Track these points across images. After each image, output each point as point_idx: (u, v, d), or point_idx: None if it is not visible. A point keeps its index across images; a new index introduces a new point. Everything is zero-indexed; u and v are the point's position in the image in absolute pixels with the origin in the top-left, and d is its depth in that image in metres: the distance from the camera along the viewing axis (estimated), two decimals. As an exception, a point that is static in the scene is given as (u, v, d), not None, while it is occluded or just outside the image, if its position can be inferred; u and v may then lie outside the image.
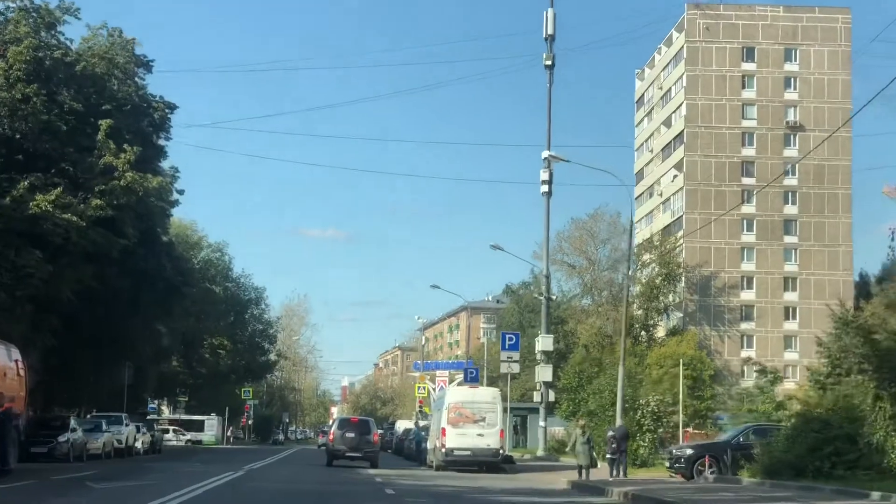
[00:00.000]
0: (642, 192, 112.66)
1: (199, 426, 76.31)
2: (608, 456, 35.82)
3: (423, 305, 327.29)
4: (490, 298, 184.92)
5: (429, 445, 40.56)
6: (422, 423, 66.96)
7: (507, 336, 51.42)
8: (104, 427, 42.69)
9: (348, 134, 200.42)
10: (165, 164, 50.89)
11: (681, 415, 50.58)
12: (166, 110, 45.32)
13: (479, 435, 36.75)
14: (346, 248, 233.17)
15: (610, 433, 37.64)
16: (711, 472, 32.48)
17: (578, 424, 37.48)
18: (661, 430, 43.94)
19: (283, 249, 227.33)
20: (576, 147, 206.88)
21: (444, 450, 36.70)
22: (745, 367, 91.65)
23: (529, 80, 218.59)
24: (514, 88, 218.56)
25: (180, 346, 65.17)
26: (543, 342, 55.58)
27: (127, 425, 46.25)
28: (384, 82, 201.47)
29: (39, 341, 40.15)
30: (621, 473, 34.37)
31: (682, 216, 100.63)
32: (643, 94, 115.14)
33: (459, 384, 59.21)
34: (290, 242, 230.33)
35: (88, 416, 48.52)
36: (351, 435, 39.44)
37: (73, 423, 38.09)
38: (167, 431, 67.59)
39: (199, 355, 70.48)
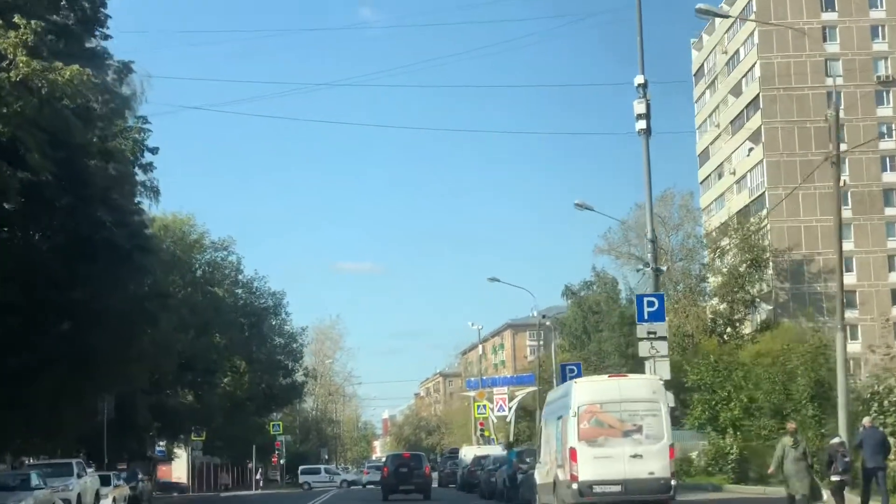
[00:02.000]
0: (709, 174, 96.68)
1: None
2: (833, 478, 22.75)
3: (460, 334, 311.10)
4: (535, 314, 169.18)
5: (537, 478, 24.81)
6: (479, 451, 51.77)
7: (646, 300, 32.21)
8: (34, 483, 26.91)
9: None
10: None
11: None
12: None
13: (636, 456, 21.06)
14: (377, 280, 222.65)
15: (836, 440, 23.75)
16: None
17: (788, 430, 22.59)
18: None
19: (315, 283, 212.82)
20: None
21: (574, 485, 21.00)
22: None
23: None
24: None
25: (180, 369, 49.36)
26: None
27: (81, 476, 30.38)
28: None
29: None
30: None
31: (763, 193, 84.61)
32: (702, 64, 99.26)
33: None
34: (324, 276, 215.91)
35: (25, 464, 32.68)
36: (404, 469, 41.79)
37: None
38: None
39: (208, 380, 54.81)
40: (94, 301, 34.00)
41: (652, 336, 29.60)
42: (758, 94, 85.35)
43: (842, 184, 35.98)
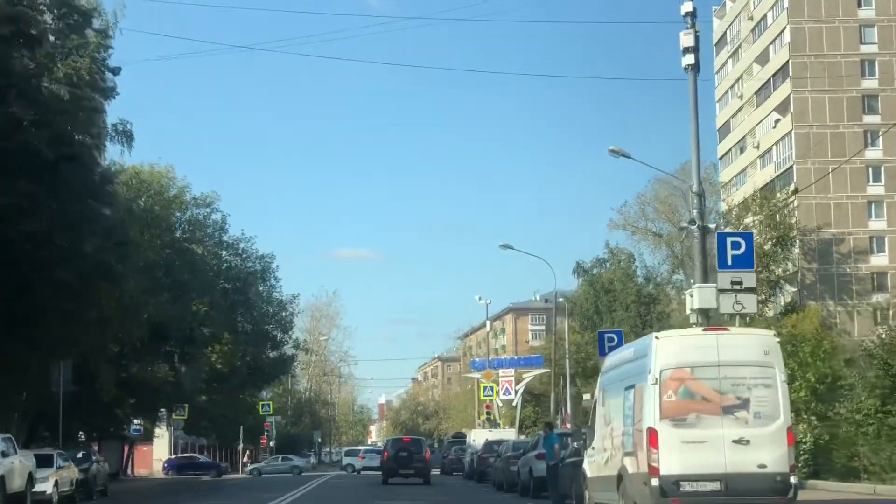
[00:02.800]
0: (730, 149, 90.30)
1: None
2: None
3: (459, 319, 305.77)
4: (537, 298, 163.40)
5: (588, 469, 18.54)
6: (491, 435, 45.85)
7: (730, 240, 23.65)
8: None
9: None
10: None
11: None
12: None
13: (740, 442, 14.85)
14: (375, 267, 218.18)
15: None
16: None
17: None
18: None
19: (314, 268, 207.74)
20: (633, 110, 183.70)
21: (654, 481, 14.70)
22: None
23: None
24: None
25: (153, 337, 42.98)
26: (701, 296, 32.37)
27: (7, 455, 24.12)
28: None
29: None
30: None
31: (791, 167, 78.28)
32: (725, 33, 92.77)
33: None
34: (322, 262, 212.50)
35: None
36: (404, 454, 41.13)
37: None
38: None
39: (187, 351, 48.33)
40: (40, 249, 27.96)
41: (737, 287, 22.84)
42: (787, 62, 79.01)
43: None
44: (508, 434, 44.84)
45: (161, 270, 43.38)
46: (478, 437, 44.93)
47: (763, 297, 75.02)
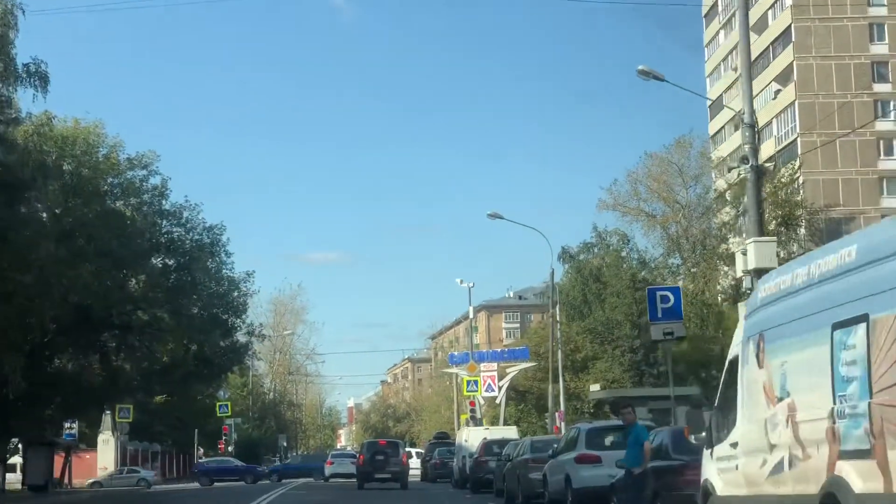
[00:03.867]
0: (723, 126, 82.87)
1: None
2: None
3: (429, 319, 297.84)
4: (511, 295, 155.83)
5: (721, 485, 10.28)
6: (488, 434, 37.88)
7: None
8: None
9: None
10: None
11: None
12: None
13: None
14: (345, 270, 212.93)
15: None
16: None
17: None
18: None
19: (281, 271, 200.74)
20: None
21: None
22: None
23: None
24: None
25: (76, 323, 34.67)
26: (758, 253, 24.03)
27: None
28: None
29: None
30: None
31: (795, 140, 70.88)
32: (715, 2, 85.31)
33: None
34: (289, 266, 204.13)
35: None
36: (380, 457, 39.70)
37: None
38: None
39: (119, 338, 40.04)
40: None
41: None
42: (789, 26, 71.68)
43: None
44: (509, 433, 37.03)
45: (82, 237, 35.17)
46: (471, 437, 36.87)
47: (767, 281, 67.88)
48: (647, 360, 64.15)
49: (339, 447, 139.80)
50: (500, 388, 65.79)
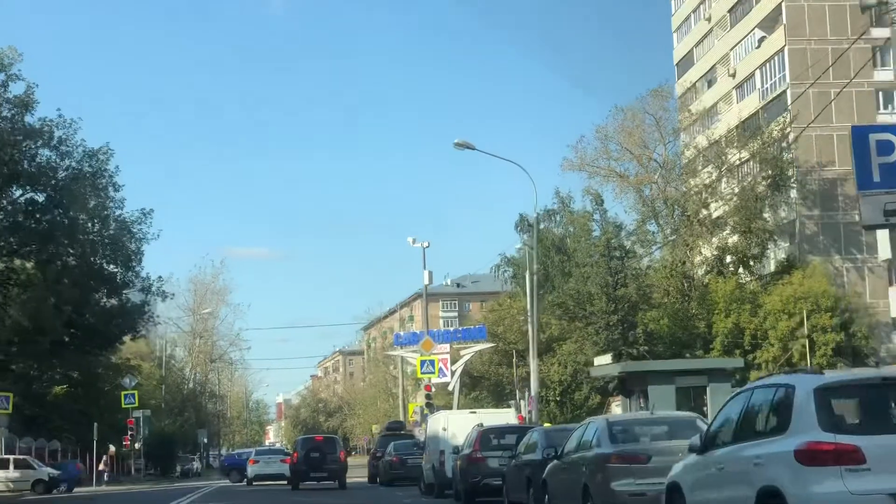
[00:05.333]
0: (694, 83, 73.27)
1: None
2: None
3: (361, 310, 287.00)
4: (449, 283, 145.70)
5: None
6: (483, 420, 27.13)
7: None
8: None
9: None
10: None
11: None
12: None
13: None
14: (272, 266, 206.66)
15: None
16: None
17: None
18: None
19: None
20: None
21: None
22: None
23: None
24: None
25: None
26: None
27: None
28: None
29: None
30: None
31: (784, 92, 61.47)
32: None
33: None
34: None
35: None
36: (315, 454, 36.33)
37: None
38: None
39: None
40: None
41: None
42: (778, -40, 62.34)
43: None
44: (506, 417, 26.54)
45: None
46: (453, 424, 25.61)
47: (757, 249, 58.50)
48: (625, 338, 54.37)
49: (267, 443, 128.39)
50: (453, 373, 55.63)
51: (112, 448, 59.75)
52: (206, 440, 73.99)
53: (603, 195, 59.71)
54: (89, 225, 34.70)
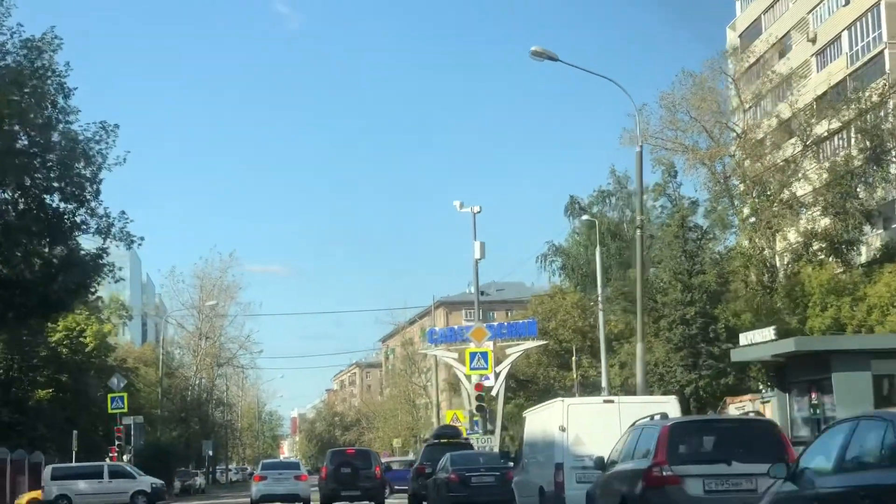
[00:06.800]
0: (762, 55, 63.65)
1: None
2: None
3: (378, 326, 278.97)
4: (470, 291, 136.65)
5: None
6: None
7: None
8: None
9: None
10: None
11: None
12: None
13: None
14: (286, 283, 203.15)
15: None
16: None
17: None
18: None
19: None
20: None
21: None
22: None
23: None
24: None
25: None
26: None
27: None
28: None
29: None
30: None
31: (880, 53, 52.28)
32: None
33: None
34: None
35: None
36: (347, 470, 31.26)
37: None
38: None
39: None
40: None
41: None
42: None
43: None
44: (668, 408, 16.77)
45: None
46: (579, 420, 15.24)
47: (853, 233, 49.02)
48: (704, 334, 44.83)
49: (282, 457, 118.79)
50: (496, 375, 46.13)
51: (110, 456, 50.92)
52: (211, 453, 64.57)
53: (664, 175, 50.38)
54: (26, 142, 25.16)
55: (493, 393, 48.60)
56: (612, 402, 17.62)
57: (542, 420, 18.68)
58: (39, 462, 54.15)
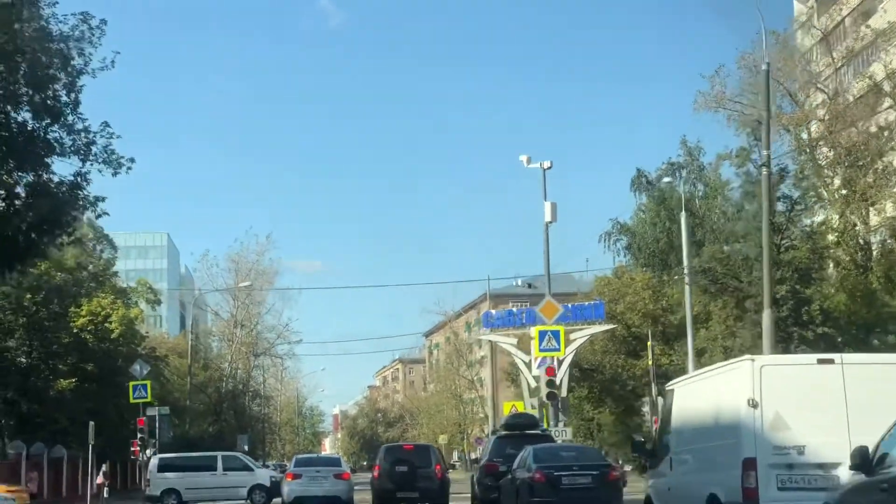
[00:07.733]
0: (844, 17, 57.78)
1: None
2: None
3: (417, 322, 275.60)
4: (519, 283, 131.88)
5: None
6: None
7: None
8: None
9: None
10: None
11: None
12: None
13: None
14: (328, 280, 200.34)
15: None
16: None
17: None
18: None
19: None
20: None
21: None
22: None
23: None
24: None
25: None
26: None
27: None
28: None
29: None
30: None
31: None
32: None
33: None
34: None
35: None
36: (403, 468, 27.75)
37: None
38: None
39: None
40: None
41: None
42: None
43: None
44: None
45: None
46: (785, 394, 10.24)
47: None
48: (797, 316, 39.19)
49: (323, 453, 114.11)
50: (559, 363, 40.81)
51: (104, 467, 46.34)
52: (247, 448, 59.95)
53: (743, 141, 44.81)
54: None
55: (558, 383, 43.44)
56: (831, 361, 12.05)
57: (710, 392, 13.03)
58: (61, 457, 49.68)
